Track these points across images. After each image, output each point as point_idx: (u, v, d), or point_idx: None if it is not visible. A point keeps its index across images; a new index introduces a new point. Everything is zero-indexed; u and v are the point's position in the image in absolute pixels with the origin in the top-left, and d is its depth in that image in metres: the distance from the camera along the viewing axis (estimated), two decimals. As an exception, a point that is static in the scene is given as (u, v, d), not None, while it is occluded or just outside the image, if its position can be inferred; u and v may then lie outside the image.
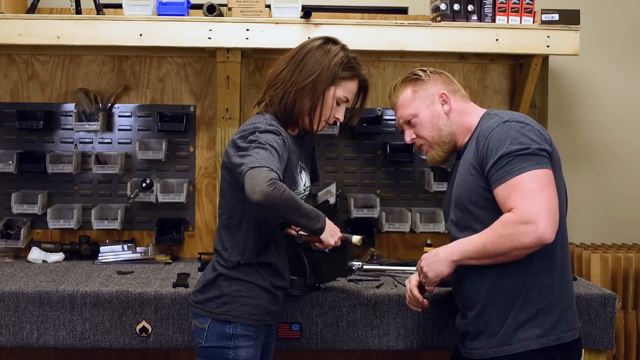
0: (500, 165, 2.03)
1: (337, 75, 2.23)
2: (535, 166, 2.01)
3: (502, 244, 2.02)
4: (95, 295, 2.66)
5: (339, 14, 3.33)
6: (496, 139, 2.06)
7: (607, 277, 3.33)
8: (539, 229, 1.97)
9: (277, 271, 2.28)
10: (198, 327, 2.26)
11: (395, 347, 2.71)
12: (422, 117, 2.26)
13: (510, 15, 3.09)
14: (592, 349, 2.72)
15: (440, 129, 2.24)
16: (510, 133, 2.05)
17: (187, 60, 3.38)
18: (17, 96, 3.36)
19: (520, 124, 2.07)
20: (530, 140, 2.03)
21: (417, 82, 2.28)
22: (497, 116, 2.15)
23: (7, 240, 3.24)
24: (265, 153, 2.05)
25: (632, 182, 3.70)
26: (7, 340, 2.65)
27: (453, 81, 2.31)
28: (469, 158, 2.15)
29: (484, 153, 2.08)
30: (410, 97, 2.28)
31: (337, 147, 3.41)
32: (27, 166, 3.26)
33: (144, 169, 3.37)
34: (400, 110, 2.31)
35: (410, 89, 2.28)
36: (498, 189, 2.05)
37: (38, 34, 2.99)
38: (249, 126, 2.18)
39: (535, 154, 2.02)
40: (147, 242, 3.36)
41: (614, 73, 3.68)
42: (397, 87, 2.33)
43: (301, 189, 2.30)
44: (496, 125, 2.09)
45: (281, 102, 2.22)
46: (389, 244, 3.44)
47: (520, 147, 2.02)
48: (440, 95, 2.25)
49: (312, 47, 2.25)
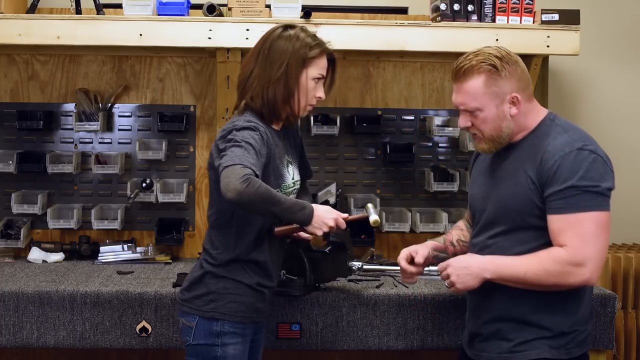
0: (565, 196, 1.99)
1: (305, 56, 2.24)
2: (599, 207, 1.98)
3: (546, 279, 2.01)
4: (95, 295, 2.66)
5: (339, 14, 3.33)
6: (567, 167, 2.00)
7: (607, 277, 3.33)
8: (588, 273, 1.99)
9: (266, 270, 2.27)
10: (186, 325, 2.26)
11: (395, 347, 2.71)
12: (487, 113, 2.09)
13: (510, 15, 3.09)
14: (592, 349, 2.70)
15: (501, 129, 2.11)
16: (584, 165, 1.99)
17: (187, 60, 3.38)
18: (17, 96, 3.36)
19: (593, 156, 2.01)
20: (601, 177, 1.99)
21: (493, 75, 2.07)
22: (565, 133, 2.06)
23: (7, 240, 3.24)
24: (240, 150, 2.06)
25: (632, 182, 3.70)
26: (7, 340, 2.65)
27: (524, 73, 2.12)
28: (526, 167, 2.07)
29: (550, 175, 2.01)
30: (481, 90, 2.08)
31: (337, 147, 3.41)
32: (27, 166, 3.26)
33: (144, 169, 3.37)
34: (464, 96, 2.10)
35: (484, 79, 2.07)
36: (555, 217, 2.01)
37: (38, 34, 2.99)
38: (228, 126, 2.20)
39: (602, 194, 1.99)
40: (147, 242, 3.35)
41: (614, 73, 3.67)
42: (468, 69, 2.09)
43: (289, 182, 2.30)
44: (568, 150, 2.01)
45: (262, 99, 2.23)
46: (389, 244, 3.44)
47: (590, 184, 1.98)
48: (513, 98, 2.09)
49: (274, 37, 2.26)
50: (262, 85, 2.23)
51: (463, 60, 2.11)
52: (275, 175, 2.23)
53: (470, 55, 2.11)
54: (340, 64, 3.39)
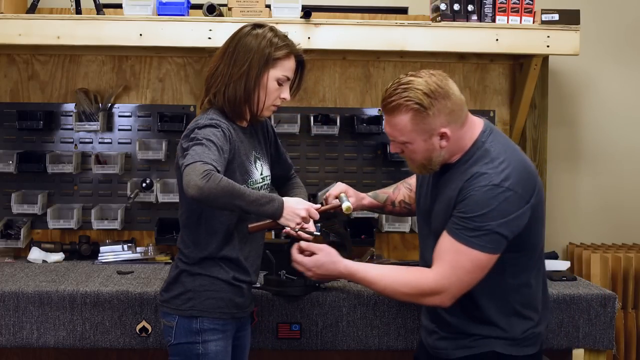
0: (461, 224, 2.01)
1: (270, 57, 2.22)
2: (483, 248, 2.00)
3: (401, 298, 2.17)
4: (95, 295, 2.66)
5: (339, 14, 3.33)
6: (474, 200, 2.00)
7: (607, 277, 3.33)
8: (443, 301, 2.07)
9: (240, 266, 2.27)
10: (167, 325, 2.26)
11: (395, 347, 2.71)
12: (416, 146, 2.08)
13: (510, 15, 3.09)
14: (592, 349, 2.72)
15: (431, 159, 2.10)
16: (491, 203, 1.98)
17: (187, 60, 3.38)
18: (17, 96, 3.36)
19: (508, 194, 1.98)
20: (503, 219, 1.98)
21: (420, 113, 2.03)
22: (490, 163, 2.03)
23: (7, 240, 3.24)
24: (200, 148, 2.06)
25: (632, 182, 3.69)
26: (7, 340, 2.65)
27: (456, 103, 2.06)
28: (452, 193, 2.08)
29: (460, 200, 2.04)
30: (408, 127, 2.05)
31: (337, 147, 3.42)
32: (27, 166, 3.26)
33: (144, 169, 3.37)
34: (392, 130, 2.10)
35: (410, 117, 2.04)
36: (445, 235, 2.05)
37: (38, 34, 2.99)
38: (191, 125, 2.19)
39: (494, 236, 1.99)
40: (147, 242, 3.36)
41: (614, 73, 3.67)
42: (395, 106, 2.06)
43: (257, 178, 2.29)
44: (484, 183, 2.00)
45: (224, 96, 2.23)
46: (389, 244, 3.44)
47: (485, 224, 1.98)
48: (441, 133, 2.05)
49: (241, 35, 2.25)
50: (224, 82, 2.22)
51: (392, 93, 2.07)
52: (240, 171, 2.23)
53: (398, 89, 2.06)
54: (340, 64, 3.43)
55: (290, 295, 2.65)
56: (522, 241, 2.06)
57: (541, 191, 2.10)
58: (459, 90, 2.09)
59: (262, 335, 2.68)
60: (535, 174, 2.09)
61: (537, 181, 2.08)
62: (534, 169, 2.12)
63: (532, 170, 2.09)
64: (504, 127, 3.45)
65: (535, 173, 2.09)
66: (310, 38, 3.03)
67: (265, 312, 2.68)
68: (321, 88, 3.42)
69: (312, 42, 3.03)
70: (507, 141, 2.14)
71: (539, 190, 2.08)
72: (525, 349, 2.12)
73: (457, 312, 2.14)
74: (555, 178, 3.59)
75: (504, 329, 2.10)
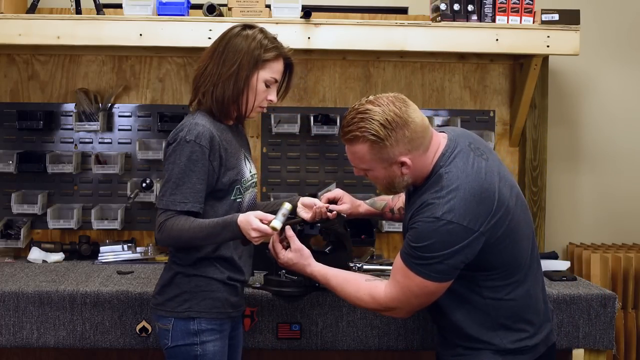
0: (409, 250, 2.02)
1: (259, 58, 2.23)
2: (429, 277, 2.01)
3: (361, 307, 2.26)
4: (95, 295, 2.66)
5: (339, 14, 3.33)
6: (419, 231, 1.99)
7: (607, 277, 3.33)
8: (399, 315, 2.16)
9: (235, 265, 2.28)
10: (162, 328, 2.25)
11: (395, 347, 2.71)
12: (377, 173, 2.09)
13: (510, 15, 3.09)
14: (592, 349, 2.72)
15: (394, 185, 2.10)
16: (433, 236, 1.97)
17: (187, 60, 3.38)
18: (17, 96, 3.36)
19: (450, 227, 1.96)
20: (444, 250, 1.97)
21: (377, 144, 2.01)
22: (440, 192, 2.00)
23: (7, 240, 3.24)
24: (170, 185, 2.15)
25: (632, 182, 3.69)
26: (7, 340, 2.65)
27: (415, 131, 2.01)
28: (407, 217, 2.11)
29: (409, 228, 2.05)
30: (367, 156, 2.05)
31: (337, 147, 3.41)
32: (27, 166, 3.26)
33: (144, 169, 3.37)
34: (353, 157, 2.10)
35: (367, 148, 2.03)
36: (398, 256, 2.07)
37: (38, 34, 2.99)
38: (177, 132, 2.21)
39: (440, 263, 1.98)
40: (147, 242, 3.36)
41: (614, 73, 3.67)
42: (353, 137, 2.04)
43: (247, 176, 2.30)
44: (428, 214, 1.99)
45: (212, 96, 2.23)
46: (389, 244, 3.44)
47: (428, 256, 1.98)
48: (401, 162, 2.03)
49: (231, 35, 2.26)
50: (213, 82, 2.23)
51: (349, 122, 2.05)
52: (232, 173, 2.23)
53: (355, 119, 2.04)
54: (340, 64, 3.43)
55: (290, 295, 2.65)
56: (487, 261, 2.03)
57: (504, 213, 2.01)
58: (421, 115, 2.05)
59: (262, 335, 2.68)
60: (492, 199, 2.00)
61: (493, 206, 1.99)
62: (492, 193, 2.00)
63: (486, 196, 2.00)
64: (504, 127, 3.45)
65: (491, 198, 2.00)
66: (310, 38, 3.03)
67: (265, 312, 2.68)
68: (321, 88, 3.42)
69: (312, 42, 3.03)
70: (465, 164, 2.04)
71: (498, 214, 2.00)
72: (519, 357, 2.10)
73: (441, 329, 2.19)
74: (555, 178, 3.59)
75: (489, 342, 2.09)
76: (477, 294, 2.08)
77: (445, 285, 2.04)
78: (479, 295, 2.08)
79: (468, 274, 2.04)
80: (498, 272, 2.06)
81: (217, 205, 2.23)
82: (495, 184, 2.03)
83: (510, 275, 2.07)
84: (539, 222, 3.41)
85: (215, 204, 2.23)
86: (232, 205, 2.24)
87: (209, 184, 2.19)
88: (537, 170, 3.43)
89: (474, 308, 2.09)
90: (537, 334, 2.13)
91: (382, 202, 2.56)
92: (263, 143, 3.40)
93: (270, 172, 3.40)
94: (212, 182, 2.20)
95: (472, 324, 2.09)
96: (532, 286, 2.13)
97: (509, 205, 2.03)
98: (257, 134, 3.39)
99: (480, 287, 2.07)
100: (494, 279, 2.07)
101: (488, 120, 3.44)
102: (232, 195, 2.24)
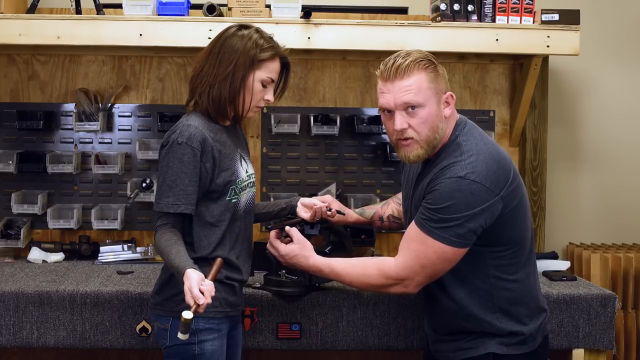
0: (427, 215, 2.02)
1: (255, 58, 2.23)
2: (446, 241, 2.00)
3: (368, 289, 2.28)
4: (95, 295, 2.66)
5: (339, 14, 3.33)
6: (440, 192, 2.00)
7: (607, 277, 3.33)
8: (409, 288, 2.10)
9: (233, 265, 2.28)
10: (161, 328, 2.26)
11: (395, 347, 2.71)
12: (429, 112, 2.04)
13: (510, 15, 3.09)
14: (592, 349, 2.72)
15: (436, 132, 2.07)
16: (456, 196, 1.98)
17: (187, 60, 3.38)
18: (17, 96, 3.36)
19: (474, 186, 1.97)
20: (467, 211, 1.97)
21: (433, 72, 2.04)
22: (460, 157, 2.03)
23: (7, 240, 3.24)
24: (164, 188, 2.17)
25: (632, 182, 3.70)
26: (7, 340, 2.65)
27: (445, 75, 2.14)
28: (425, 184, 2.10)
29: (428, 192, 2.04)
30: (425, 84, 2.02)
31: (337, 147, 3.42)
32: (27, 166, 3.26)
33: (144, 169, 3.37)
34: (406, 91, 2.03)
35: (425, 75, 2.03)
36: (413, 226, 2.06)
37: (38, 34, 2.99)
38: (171, 134, 2.21)
39: (458, 229, 1.98)
40: (147, 242, 3.36)
41: (614, 73, 3.68)
42: (409, 65, 2.03)
43: (243, 176, 2.30)
44: (450, 175, 2.00)
45: (208, 96, 2.24)
46: (389, 244, 3.44)
47: (450, 217, 1.98)
48: (447, 97, 2.07)
49: (227, 36, 2.26)
50: (209, 83, 2.23)
51: (398, 59, 2.05)
52: (227, 174, 2.24)
53: (403, 54, 2.07)
54: (340, 64, 3.43)
55: (290, 295, 2.65)
56: (499, 235, 2.05)
57: (518, 185, 2.08)
58: None
59: (262, 335, 2.68)
60: (509, 168, 2.06)
61: (510, 174, 2.05)
62: (508, 162, 2.08)
63: (505, 163, 2.05)
64: (504, 127, 3.45)
65: (509, 166, 2.06)
66: (310, 38, 3.03)
67: (265, 312, 2.68)
68: (321, 88, 3.42)
69: (312, 42, 3.03)
70: (480, 135, 2.12)
71: (514, 184, 2.05)
72: (521, 347, 2.12)
73: (443, 310, 2.16)
74: (555, 178, 3.60)
75: (490, 323, 2.10)
76: (482, 272, 2.09)
77: (462, 253, 2.02)
78: (484, 274, 2.09)
79: (477, 249, 2.04)
80: (506, 248, 2.08)
81: (212, 206, 2.24)
82: (508, 156, 2.11)
83: (515, 255, 2.10)
84: (539, 222, 3.41)
85: (210, 204, 2.24)
86: (227, 206, 2.25)
87: (203, 185, 2.20)
88: (537, 170, 3.43)
89: (477, 288, 2.10)
90: (533, 320, 2.15)
91: (371, 210, 2.58)
92: (263, 143, 3.40)
93: (270, 172, 3.40)
94: (205, 183, 2.21)
95: (474, 303, 2.10)
96: (532, 271, 2.17)
97: (521, 179, 2.11)
98: (257, 134, 3.39)
99: (487, 266, 2.08)
100: (501, 257, 2.08)
101: (488, 120, 3.44)
102: (227, 196, 2.24)
